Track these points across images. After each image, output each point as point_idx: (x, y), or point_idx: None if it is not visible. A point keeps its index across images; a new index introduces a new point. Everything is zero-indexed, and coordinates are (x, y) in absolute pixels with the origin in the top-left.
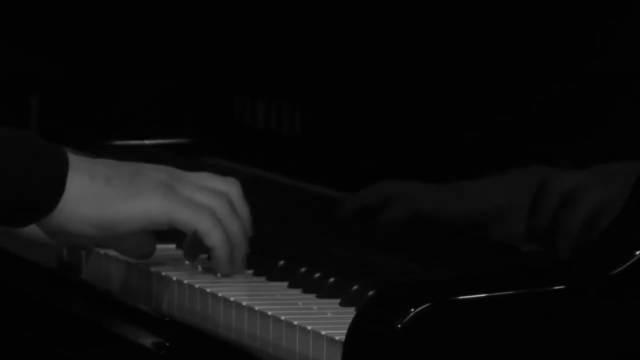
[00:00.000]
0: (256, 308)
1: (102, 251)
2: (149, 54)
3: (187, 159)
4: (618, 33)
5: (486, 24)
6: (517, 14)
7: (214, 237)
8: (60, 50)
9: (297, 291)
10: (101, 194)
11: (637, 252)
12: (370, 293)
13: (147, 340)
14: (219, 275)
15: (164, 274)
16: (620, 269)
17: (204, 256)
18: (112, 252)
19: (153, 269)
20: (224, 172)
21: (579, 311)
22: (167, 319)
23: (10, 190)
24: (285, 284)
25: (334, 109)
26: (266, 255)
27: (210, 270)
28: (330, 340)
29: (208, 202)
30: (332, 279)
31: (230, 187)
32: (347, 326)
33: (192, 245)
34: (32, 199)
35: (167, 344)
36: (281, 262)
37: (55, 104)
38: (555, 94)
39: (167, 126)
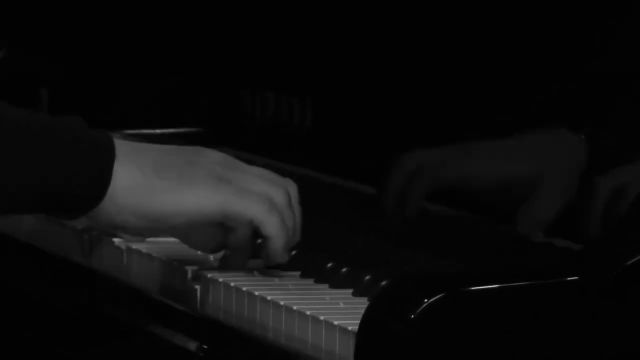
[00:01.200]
0: (268, 298)
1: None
2: (152, 50)
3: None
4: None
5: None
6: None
7: (270, 225)
8: (60, 50)
9: (310, 281)
10: (150, 186)
11: None
12: (383, 283)
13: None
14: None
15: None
16: (634, 260)
17: None
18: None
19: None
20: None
21: (592, 302)
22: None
23: (55, 182)
24: (298, 273)
25: (345, 100)
26: None
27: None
28: (343, 330)
29: (265, 190)
30: (344, 269)
31: (288, 184)
32: (360, 316)
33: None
34: (78, 192)
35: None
36: (293, 252)
37: (64, 95)
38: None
39: (177, 117)
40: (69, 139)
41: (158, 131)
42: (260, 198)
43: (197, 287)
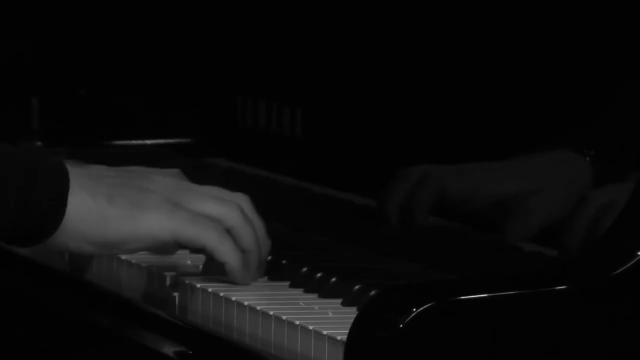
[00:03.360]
0: (258, 308)
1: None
2: (142, 60)
3: (188, 158)
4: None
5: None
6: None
7: (222, 252)
8: (51, 58)
9: (299, 291)
10: (104, 215)
11: (639, 253)
12: (372, 293)
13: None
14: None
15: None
16: (622, 269)
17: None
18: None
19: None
20: (224, 172)
21: (581, 311)
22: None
23: (10, 212)
24: (287, 283)
25: (335, 110)
26: (268, 256)
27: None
28: (332, 340)
29: (216, 211)
30: (333, 279)
31: (240, 198)
32: (349, 326)
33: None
34: (33, 222)
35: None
36: (283, 262)
37: (55, 105)
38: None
39: (167, 127)
40: (22, 171)
41: (148, 142)
42: (212, 223)
43: (176, 294)
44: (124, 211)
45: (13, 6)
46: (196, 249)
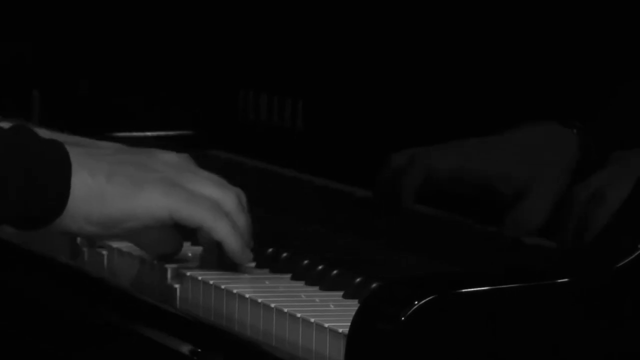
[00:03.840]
0: (259, 300)
1: (114, 245)
2: (143, 53)
3: (188, 151)
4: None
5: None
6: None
7: (220, 230)
8: (52, 51)
9: (300, 283)
10: (102, 192)
11: None
12: (374, 285)
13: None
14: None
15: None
16: (624, 262)
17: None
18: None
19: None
20: (225, 164)
21: (583, 304)
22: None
23: (16, 198)
24: (289, 276)
25: (336, 102)
26: (269, 248)
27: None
28: (334, 332)
29: (215, 194)
30: (335, 271)
31: (239, 191)
32: (351, 319)
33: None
34: (39, 207)
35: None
36: (284, 255)
37: (55, 104)
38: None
39: (168, 119)
40: (26, 156)
41: (149, 134)
42: (209, 203)
43: (177, 286)
44: (123, 189)
45: (13, 6)
46: (193, 228)
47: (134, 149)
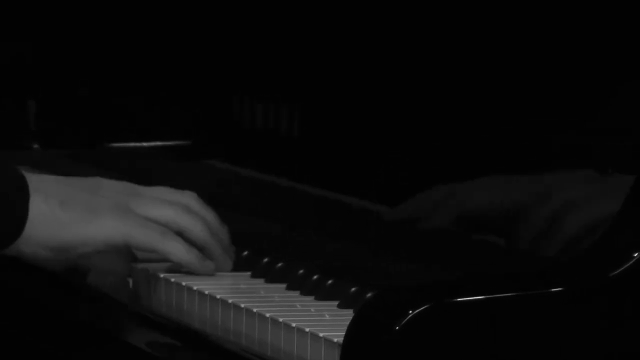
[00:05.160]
0: (254, 310)
1: None
2: (137, 62)
3: (185, 161)
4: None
5: (490, 24)
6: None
7: (171, 253)
8: (48, 59)
9: (296, 293)
10: (56, 218)
11: (635, 254)
12: (369, 295)
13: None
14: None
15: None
16: (618, 270)
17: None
18: None
19: (140, 267)
20: (221, 173)
21: (577, 313)
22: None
23: None
24: (284, 285)
25: (331, 110)
26: (264, 257)
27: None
28: (329, 342)
29: (164, 215)
30: (330, 281)
31: (187, 197)
32: (346, 328)
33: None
34: None
35: (158, 343)
36: (279, 264)
37: (52, 107)
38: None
39: (164, 128)
40: None
41: (145, 144)
42: (159, 228)
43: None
44: (76, 215)
45: (13, 6)
46: (148, 252)
47: (82, 178)
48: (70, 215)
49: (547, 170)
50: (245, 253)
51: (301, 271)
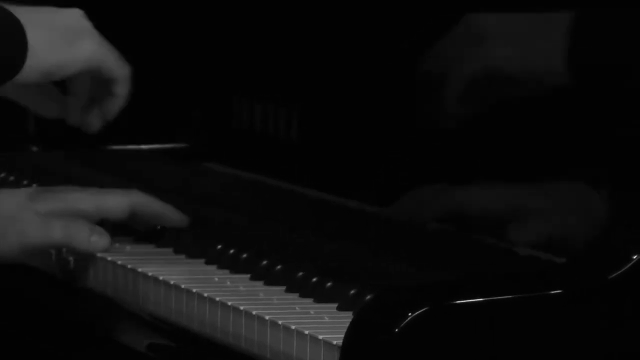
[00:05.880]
0: (254, 312)
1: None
2: (143, 59)
3: (183, 163)
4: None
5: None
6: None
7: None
8: None
9: (294, 295)
10: (51, 41)
11: (635, 256)
12: (368, 297)
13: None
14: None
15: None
16: (618, 272)
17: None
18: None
19: (140, 269)
20: (220, 176)
21: (576, 315)
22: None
23: None
24: (283, 288)
25: (330, 112)
26: (263, 260)
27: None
28: (328, 344)
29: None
30: (329, 283)
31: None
32: (345, 330)
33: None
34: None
35: (157, 345)
36: (278, 267)
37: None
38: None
39: (163, 130)
40: None
41: (144, 147)
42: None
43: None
44: (62, 39)
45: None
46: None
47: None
48: (58, 39)
49: (545, 170)
50: (245, 255)
51: (300, 273)
